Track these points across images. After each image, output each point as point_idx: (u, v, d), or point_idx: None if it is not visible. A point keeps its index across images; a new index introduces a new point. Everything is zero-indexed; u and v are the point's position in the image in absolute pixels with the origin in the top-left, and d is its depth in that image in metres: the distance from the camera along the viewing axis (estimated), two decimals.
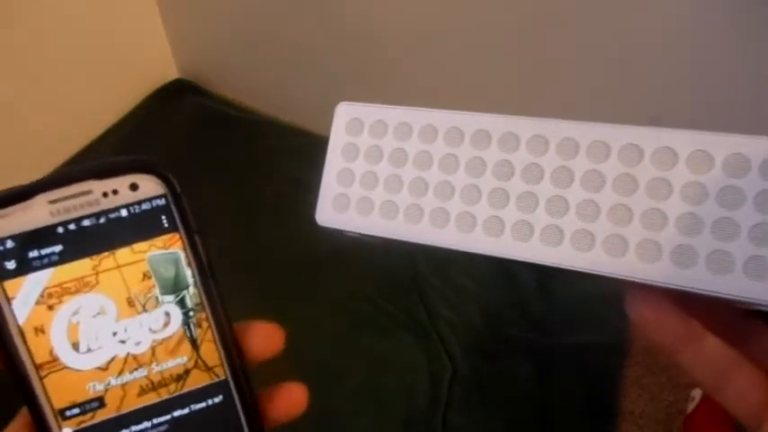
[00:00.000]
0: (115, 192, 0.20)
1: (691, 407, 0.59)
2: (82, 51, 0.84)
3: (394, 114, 0.24)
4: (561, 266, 0.21)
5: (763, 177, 0.19)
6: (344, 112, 0.25)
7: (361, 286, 0.70)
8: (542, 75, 0.66)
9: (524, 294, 0.67)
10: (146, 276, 0.21)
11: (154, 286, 0.21)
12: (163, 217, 0.21)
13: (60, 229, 0.20)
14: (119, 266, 0.21)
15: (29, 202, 0.20)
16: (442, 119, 0.23)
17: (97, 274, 0.20)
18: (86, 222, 0.20)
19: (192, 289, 0.21)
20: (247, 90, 0.95)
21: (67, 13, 0.80)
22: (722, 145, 0.19)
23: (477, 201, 0.22)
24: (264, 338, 0.23)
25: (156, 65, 0.97)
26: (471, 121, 0.22)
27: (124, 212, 0.20)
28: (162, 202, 0.21)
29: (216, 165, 0.86)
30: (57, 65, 0.82)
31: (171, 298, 0.21)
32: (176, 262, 0.21)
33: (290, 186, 0.82)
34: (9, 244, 0.20)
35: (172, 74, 0.99)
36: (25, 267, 0.20)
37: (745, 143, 0.19)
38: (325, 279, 0.71)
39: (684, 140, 0.19)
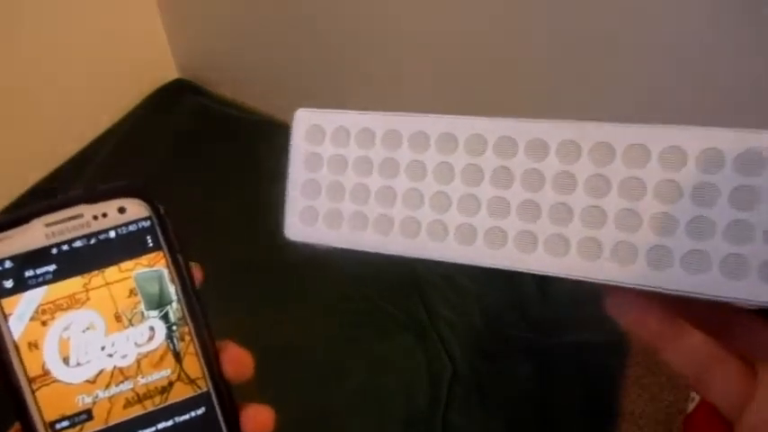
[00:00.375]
0: (104, 215, 0.22)
1: (691, 407, 0.59)
2: (82, 51, 0.84)
3: (355, 120, 0.23)
4: (536, 273, 0.20)
5: (737, 172, 0.18)
6: (304, 120, 0.24)
7: (361, 286, 0.70)
8: (530, 78, 0.66)
9: (524, 294, 0.67)
10: (132, 293, 0.22)
11: (140, 302, 0.22)
12: (148, 237, 0.22)
13: (54, 250, 0.21)
14: (107, 284, 0.22)
15: (27, 226, 0.21)
16: (406, 123, 0.22)
17: (87, 291, 0.22)
18: (78, 243, 0.22)
19: (175, 304, 0.22)
20: (247, 90, 0.95)
21: (67, 12, 0.80)
22: (695, 139, 0.18)
23: (447, 208, 0.21)
24: (235, 365, 0.23)
25: (156, 65, 0.97)
26: (436, 123, 0.21)
27: (112, 234, 0.22)
28: (147, 223, 0.22)
29: (216, 165, 0.86)
30: (57, 65, 0.82)
31: (155, 313, 0.22)
32: (160, 279, 0.22)
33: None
34: (7, 264, 0.21)
35: (172, 74, 0.99)
36: (22, 286, 0.21)
37: (718, 137, 0.18)
38: (324, 279, 0.71)
39: (656, 136, 0.18)
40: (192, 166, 0.86)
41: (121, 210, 0.22)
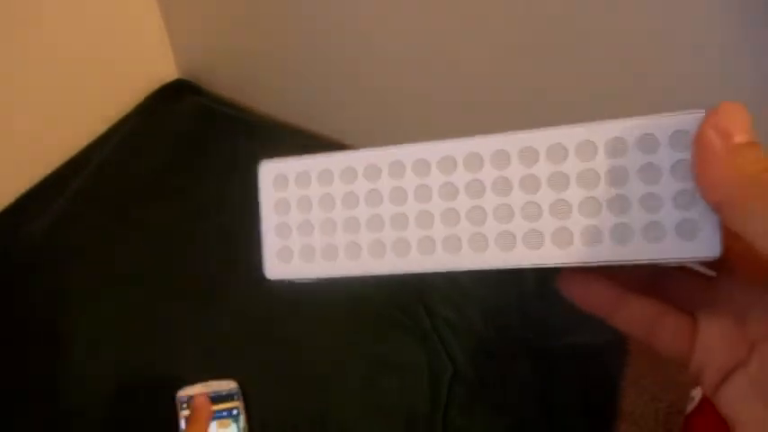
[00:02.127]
0: None
1: (691, 407, 0.59)
2: (82, 51, 0.84)
3: (314, 163, 0.26)
4: (497, 268, 0.23)
5: (674, 149, 0.21)
6: (268, 171, 0.27)
7: (361, 286, 0.70)
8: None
9: (524, 295, 0.67)
10: None
11: None
12: None
13: None
14: None
15: None
16: (359, 159, 0.25)
17: None
18: None
19: None
20: (247, 90, 0.95)
21: (67, 12, 0.80)
22: (600, 132, 0.22)
23: (405, 226, 0.24)
24: None
25: (156, 65, 0.97)
26: (385, 155, 0.25)
27: None
28: None
29: (216, 165, 0.86)
30: (56, 64, 0.82)
31: None
32: None
33: None
34: None
35: (172, 74, 0.99)
36: None
37: (620, 127, 0.21)
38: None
39: (569, 135, 0.22)
40: (192, 166, 0.86)
41: None
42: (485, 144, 0.23)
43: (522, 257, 0.22)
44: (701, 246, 0.21)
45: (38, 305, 0.71)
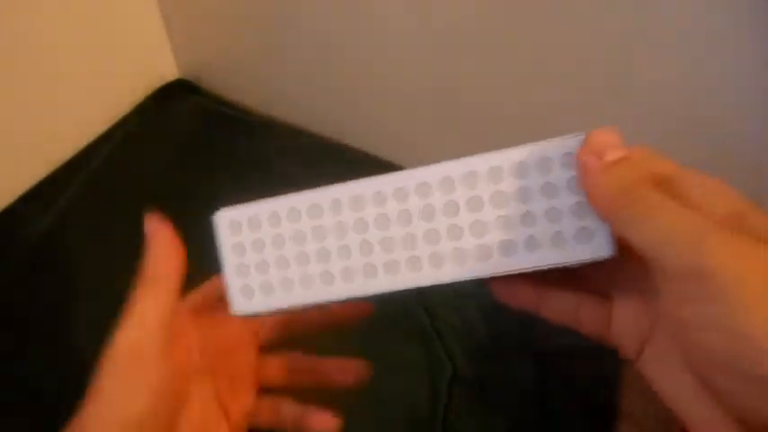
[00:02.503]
0: None
1: None
2: (81, 51, 0.84)
3: (262, 208, 0.29)
4: (434, 284, 0.26)
5: (566, 168, 0.24)
6: (223, 219, 0.30)
7: None
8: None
9: None
10: None
11: None
12: None
13: None
14: None
15: None
16: (301, 200, 0.28)
17: None
18: None
19: None
20: (247, 90, 0.95)
21: (67, 12, 0.80)
22: (529, 154, 0.25)
23: (349, 256, 0.27)
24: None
25: (156, 65, 0.97)
26: (324, 194, 0.28)
27: None
28: None
29: (216, 165, 0.86)
30: (56, 64, 0.82)
31: None
32: None
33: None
34: None
35: (172, 74, 0.99)
36: None
37: (544, 149, 0.25)
38: None
39: (478, 164, 0.25)
40: (192, 166, 0.86)
41: None
42: (408, 178, 0.26)
43: (453, 274, 0.26)
44: (597, 248, 0.25)
45: (38, 305, 0.71)
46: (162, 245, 0.32)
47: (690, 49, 0.56)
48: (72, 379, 0.66)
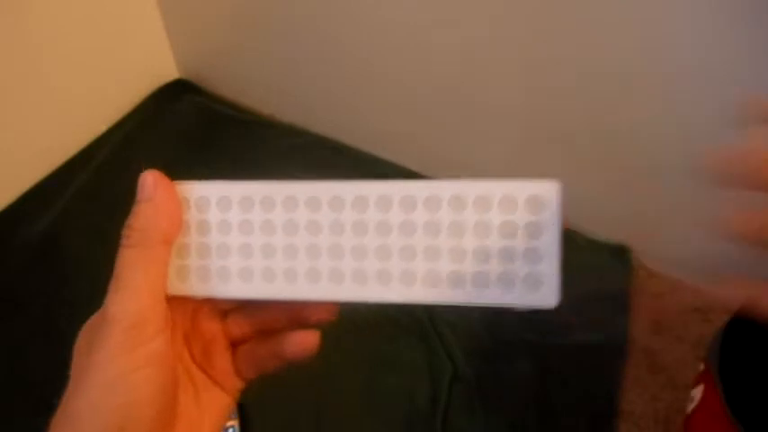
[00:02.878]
0: None
1: (691, 407, 0.59)
2: (81, 51, 0.84)
3: (234, 190, 0.27)
4: (379, 302, 0.26)
5: (529, 212, 0.24)
6: (191, 191, 0.28)
7: None
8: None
9: None
10: None
11: None
12: None
13: None
14: None
15: None
16: (277, 190, 0.27)
17: None
18: None
19: None
20: (247, 90, 0.95)
21: (67, 12, 0.80)
22: (495, 189, 0.24)
23: (318, 257, 0.26)
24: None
25: (156, 65, 0.97)
26: (302, 189, 0.26)
27: None
28: None
29: (216, 165, 0.86)
30: (56, 64, 0.82)
31: None
32: None
33: None
34: None
35: (172, 74, 0.99)
36: None
37: (510, 187, 0.24)
38: None
39: (469, 188, 0.24)
40: (192, 166, 0.86)
41: None
42: (388, 189, 0.25)
43: (399, 294, 0.26)
44: (544, 297, 0.24)
45: (38, 306, 0.71)
46: (158, 197, 0.28)
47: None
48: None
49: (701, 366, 0.57)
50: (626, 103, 0.63)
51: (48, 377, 0.64)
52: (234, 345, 0.32)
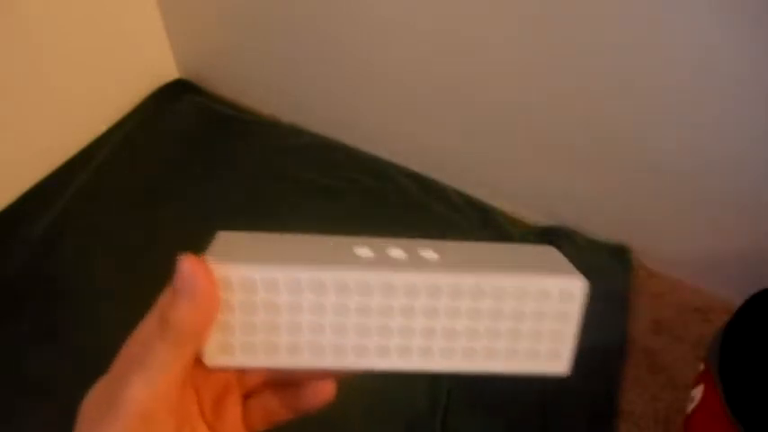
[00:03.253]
0: None
1: (691, 407, 0.59)
2: (81, 51, 0.84)
3: (266, 269, 0.27)
4: (396, 371, 0.29)
5: (537, 302, 0.28)
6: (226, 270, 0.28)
7: None
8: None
9: None
10: None
11: None
12: None
13: None
14: None
15: None
16: (304, 276, 0.27)
17: None
18: None
19: None
20: (247, 90, 0.95)
21: (67, 12, 0.80)
22: (507, 281, 0.28)
23: (345, 334, 0.28)
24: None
25: (156, 65, 0.97)
26: (332, 275, 0.27)
27: None
28: None
29: (216, 165, 0.86)
30: (56, 64, 0.82)
31: None
32: None
33: (290, 186, 0.82)
34: None
35: (172, 74, 0.99)
36: None
37: (526, 281, 0.28)
38: None
39: (483, 280, 0.27)
40: (192, 165, 0.86)
41: None
42: (388, 279, 0.27)
43: (418, 364, 0.29)
44: (559, 365, 0.31)
45: (38, 306, 0.71)
46: (199, 294, 0.26)
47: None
48: (73, 377, 0.66)
49: (701, 366, 0.57)
50: (626, 103, 0.63)
51: (48, 377, 0.65)
52: (245, 396, 0.32)
